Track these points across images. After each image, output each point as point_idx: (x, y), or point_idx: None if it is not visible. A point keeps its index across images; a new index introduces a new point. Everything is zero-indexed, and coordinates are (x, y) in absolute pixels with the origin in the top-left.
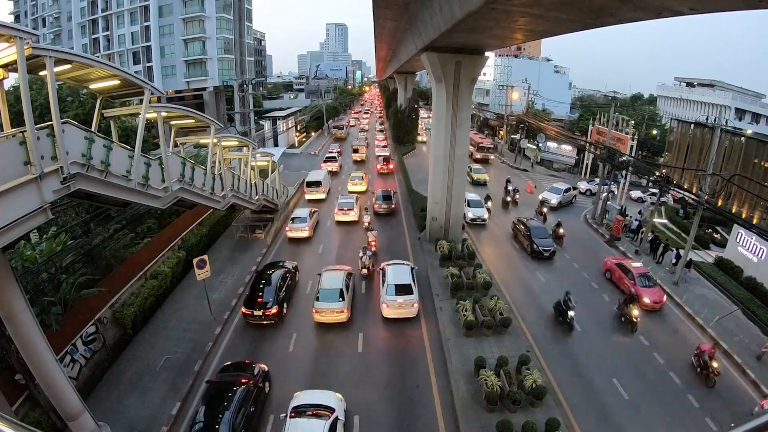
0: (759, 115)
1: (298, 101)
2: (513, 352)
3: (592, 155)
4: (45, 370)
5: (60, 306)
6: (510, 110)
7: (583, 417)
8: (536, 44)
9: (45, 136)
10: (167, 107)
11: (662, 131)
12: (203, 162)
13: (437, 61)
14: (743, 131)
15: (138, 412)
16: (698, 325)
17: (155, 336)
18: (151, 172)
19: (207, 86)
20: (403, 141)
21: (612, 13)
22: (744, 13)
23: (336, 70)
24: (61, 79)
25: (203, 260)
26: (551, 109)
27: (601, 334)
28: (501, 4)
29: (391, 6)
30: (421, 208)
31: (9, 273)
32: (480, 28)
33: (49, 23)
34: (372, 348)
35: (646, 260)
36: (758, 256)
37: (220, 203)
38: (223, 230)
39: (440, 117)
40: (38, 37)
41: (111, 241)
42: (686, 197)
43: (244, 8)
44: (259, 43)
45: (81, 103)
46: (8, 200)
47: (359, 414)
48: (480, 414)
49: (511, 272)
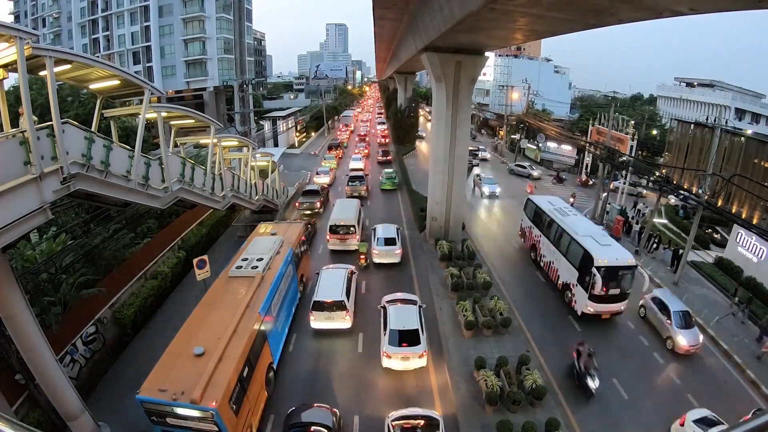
0: (759, 115)
1: (298, 101)
2: (513, 352)
3: (591, 155)
4: (45, 370)
5: (60, 306)
6: (510, 110)
7: (584, 417)
8: (536, 44)
9: (45, 136)
10: (167, 107)
11: (662, 131)
12: (203, 162)
13: (437, 61)
14: (743, 131)
15: (138, 412)
16: (698, 325)
17: (155, 336)
18: (151, 172)
19: (207, 86)
20: (403, 141)
21: (612, 13)
22: (744, 13)
23: (336, 70)
24: (61, 79)
25: (203, 260)
26: (551, 109)
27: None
28: (501, 5)
29: (391, 6)
30: (421, 208)
31: (9, 273)
32: (480, 28)
33: (49, 23)
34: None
35: (646, 259)
36: (758, 256)
37: (220, 203)
38: (223, 230)
39: (440, 117)
40: (38, 37)
41: (111, 241)
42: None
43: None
44: (259, 43)
45: (81, 103)
46: (8, 200)
47: (359, 414)
48: (480, 414)
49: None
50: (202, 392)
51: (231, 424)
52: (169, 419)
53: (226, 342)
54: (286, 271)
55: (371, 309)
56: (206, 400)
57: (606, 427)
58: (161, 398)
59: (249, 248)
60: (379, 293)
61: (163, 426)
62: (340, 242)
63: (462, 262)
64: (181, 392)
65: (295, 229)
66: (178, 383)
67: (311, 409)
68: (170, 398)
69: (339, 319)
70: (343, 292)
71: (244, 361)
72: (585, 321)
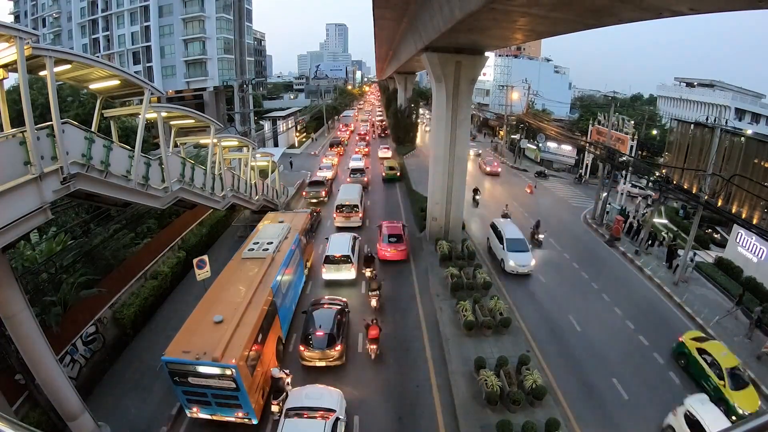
0: (759, 115)
1: (298, 101)
2: (513, 352)
3: (592, 155)
4: (45, 370)
5: (60, 306)
6: (510, 110)
7: (583, 417)
8: (536, 44)
9: (45, 136)
10: (167, 107)
11: (662, 131)
12: (203, 162)
13: (437, 61)
14: (743, 131)
15: (138, 412)
16: (698, 325)
17: (155, 336)
18: (151, 172)
19: (207, 86)
20: (402, 141)
21: (612, 13)
22: (744, 13)
23: (336, 70)
24: (61, 79)
25: (203, 260)
26: (551, 109)
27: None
28: (501, 5)
29: (391, 6)
30: (421, 208)
31: (9, 273)
32: (480, 28)
33: (49, 23)
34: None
35: (646, 260)
36: (758, 256)
37: (220, 203)
38: (223, 230)
39: (440, 117)
40: (38, 37)
41: (111, 241)
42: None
43: (244, 8)
44: (259, 43)
45: (81, 103)
46: (8, 200)
47: (359, 414)
48: (480, 414)
49: None
50: (223, 352)
51: (247, 381)
52: (191, 378)
53: (243, 311)
54: (293, 255)
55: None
56: (226, 359)
57: (606, 427)
58: (185, 358)
59: (259, 234)
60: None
61: (185, 386)
62: (345, 219)
63: (462, 262)
64: (203, 352)
65: (301, 217)
66: (200, 346)
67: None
68: (194, 358)
69: (345, 270)
70: (349, 249)
71: (258, 328)
72: None
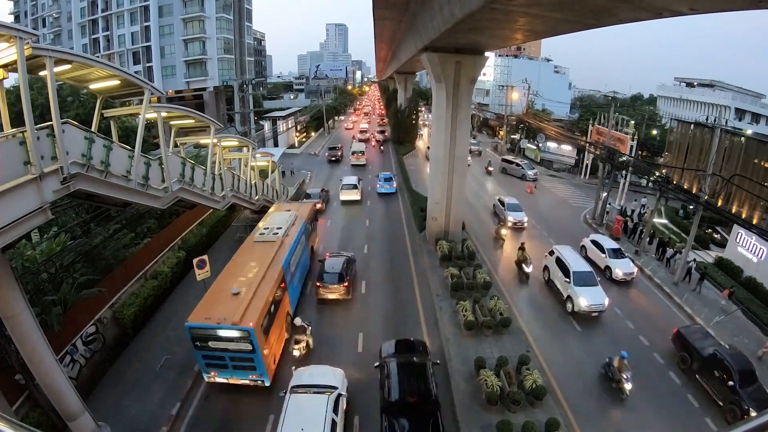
0: (759, 115)
1: (298, 101)
2: (513, 352)
3: (592, 155)
4: (45, 370)
5: (60, 306)
6: (510, 110)
7: (583, 417)
8: (536, 44)
9: (45, 136)
10: (167, 107)
11: (662, 131)
12: (203, 162)
13: (437, 61)
14: (743, 131)
15: (138, 412)
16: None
17: (155, 336)
18: (151, 172)
19: (207, 86)
20: (402, 141)
21: (612, 13)
22: (744, 13)
23: (336, 70)
24: (61, 79)
25: (203, 260)
26: (551, 109)
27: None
28: (501, 5)
29: (391, 6)
30: (421, 208)
31: (9, 273)
32: (480, 28)
33: (49, 23)
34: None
35: (647, 260)
36: (758, 256)
37: (220, 203)
38: (223, 230)
39: (440, 117)
40: (38, 37)
41: (111, 241)
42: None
43: (244, 8)
44: (259, 43)
45: (81, 103)
46: (8, 200)
47: (359, 414)
48: (480, 414)
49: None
50: (241, 317)
51: (262, 343)
52: (212, 342)
53: (257, 285)
54: (300, 239)
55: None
56: (244, 322)
57: (606, 427)
58: (207, 323)
59: (268, 221)
60: (378, 291)
61: (205, 351)
62: (356, 159)
63: (462, 262)
64: (223, 318)
65: (306, 207)
66: (220, 313)
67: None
68: (215, 322)
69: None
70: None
71: (271, 300)
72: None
